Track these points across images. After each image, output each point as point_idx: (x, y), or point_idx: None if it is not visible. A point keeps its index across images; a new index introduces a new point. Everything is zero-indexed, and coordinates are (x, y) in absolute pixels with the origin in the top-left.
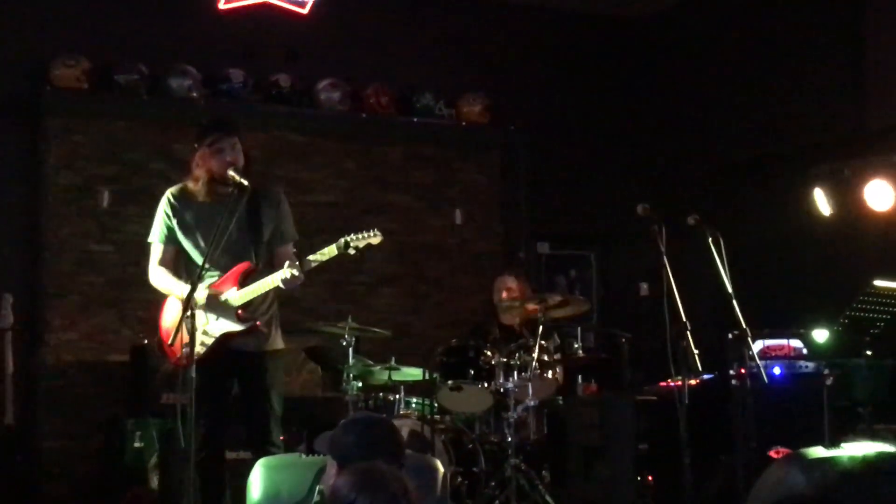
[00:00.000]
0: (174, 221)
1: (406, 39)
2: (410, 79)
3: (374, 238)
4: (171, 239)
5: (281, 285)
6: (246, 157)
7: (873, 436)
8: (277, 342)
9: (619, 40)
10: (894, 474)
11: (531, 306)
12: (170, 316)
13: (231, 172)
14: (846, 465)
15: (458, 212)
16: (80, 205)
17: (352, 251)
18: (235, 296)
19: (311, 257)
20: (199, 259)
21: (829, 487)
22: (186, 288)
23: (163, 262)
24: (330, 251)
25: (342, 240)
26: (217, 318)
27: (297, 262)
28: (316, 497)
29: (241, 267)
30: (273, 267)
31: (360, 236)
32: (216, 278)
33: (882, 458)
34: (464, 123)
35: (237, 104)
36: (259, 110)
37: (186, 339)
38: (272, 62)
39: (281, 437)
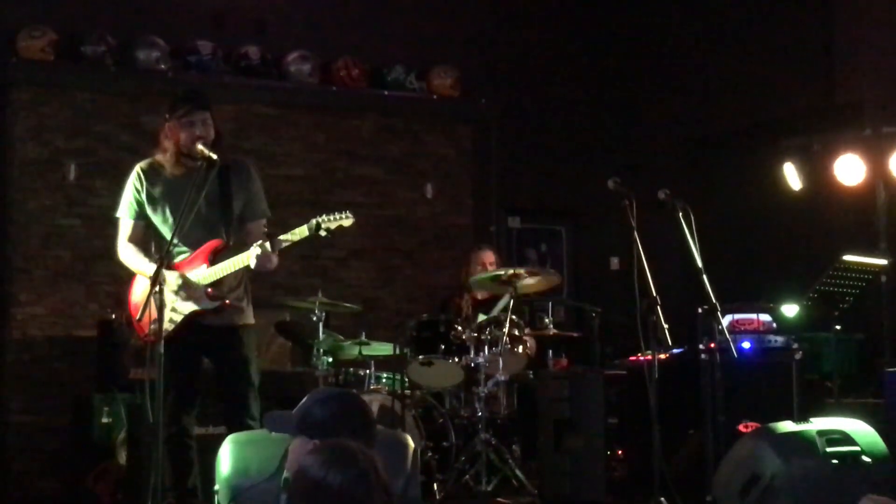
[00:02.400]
0: (143, 195)
1: (376, 11)
2: (381, 51)
3: (346, 220)
4: (140, 214)
5: (251, 265)
6: (217, 133)
7: (841, 410)
8: (249, 317)
9: (590, 14)
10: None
11: (504, 279)
12: (139, 291)
13: (199, 146)
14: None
15: (429, 185)
16: (46, 178)
17: (323, 233)
18: (205, 274)
19: (281, 237)
20: (167, 233)
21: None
22: (154, 267)
23: (132, 239)
24: (301, 232)
25: (313, 221)
26: (186, 297)
27: (269, 242)
28: (285, 473)
29: (212, 244)
30: (245, 244)
31: (331, 218)
32: (186, 255)
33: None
34: (434, 96)
35: (206, 76)
36: (228, 82)
37: (154, 315)
38: (241, 34)
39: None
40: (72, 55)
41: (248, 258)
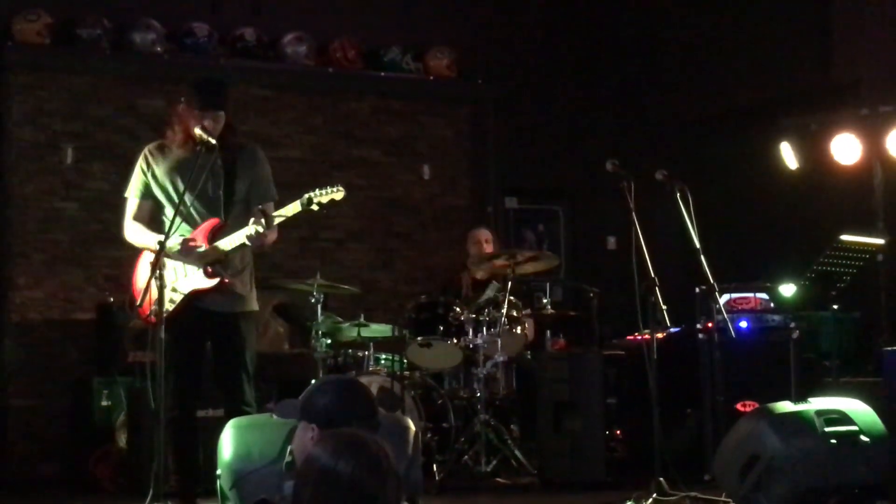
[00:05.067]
0: (149, 175)
1: None
2: (377, 32)
3: (338, 193)
4: (147, 194)
5: (247, 242)
6: (230, 126)
7: (839, 389)
8: (252, 303)
9: None
10: None
11: (500, 262)
12: (144, 273)
13: (198, 130)
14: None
15: (427, 166)
16: (44, 162)
17: (315, 207)
18: (203, 251)
19: (274, 213)
20: (171, 211)
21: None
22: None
23: (137, 217)
24: (294, 207)
25: (305, 196)
26: (186, 275)
27: (262, 219)
28: (287, 457)
29: (211, 223)
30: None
31: (323, 192)
32: (188, 234)
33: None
34: (431, 77)
35: (202, 59)
36: (224, 64)
37: (156, 296)
38: (237, 16)
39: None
40: (68, 39)
41: (243, 235)
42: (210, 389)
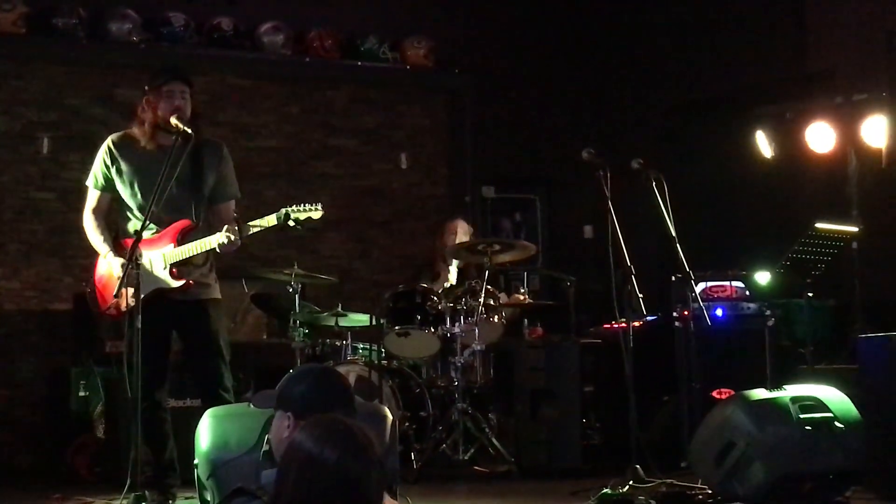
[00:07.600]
0: (112, 169)
1: None
2: (354, 22)
3: (315, 212)
4: (107, 187)
5: (217, 249)
6: (195, 113)
7: (814, 376)
8: (215, 292)
9: None
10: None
11: (478, 250)
12: (104, 265)
13: (174, 119)
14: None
15: (404, 156)
16: (20, 152)
17: (291, 223)
18: (171, 253)
19: (250, 223)
20: (135, 208)
21: None
22: (106, 248)
23: (96, 210)
24: (269, 220)
25: (283, 211)
26: (151, 273)
27: (236, 227)
28: (265, 446)
29: (181, 224)
30: (211, 224)
31: (301, 209)
32: (153, 232)
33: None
34: (408, 67)
35: (179, 48)
36: (201, 54)
37: (118, 288)
38: (214, 5)
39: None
40: (43, 28)
41: (214, 241)
42: (187, 379)
